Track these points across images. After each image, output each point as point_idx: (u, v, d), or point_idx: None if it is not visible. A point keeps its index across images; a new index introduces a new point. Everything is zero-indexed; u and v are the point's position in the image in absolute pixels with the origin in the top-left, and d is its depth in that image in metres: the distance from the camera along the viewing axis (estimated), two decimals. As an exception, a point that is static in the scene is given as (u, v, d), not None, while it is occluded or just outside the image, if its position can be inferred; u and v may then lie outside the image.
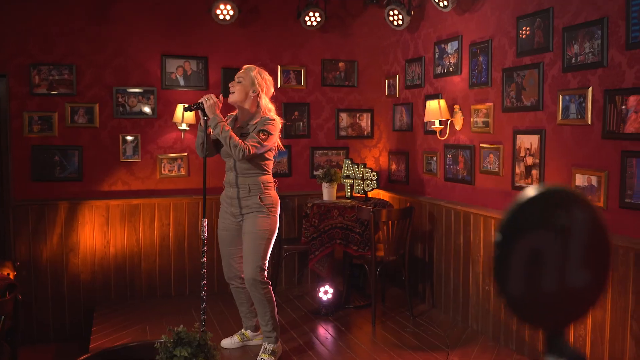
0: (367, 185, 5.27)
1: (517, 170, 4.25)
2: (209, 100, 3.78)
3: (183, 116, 5.24)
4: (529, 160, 4.14)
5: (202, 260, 3.82)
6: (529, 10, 4.11)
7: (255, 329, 4.29)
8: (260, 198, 3.91)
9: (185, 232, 5.54)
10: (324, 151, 5.97)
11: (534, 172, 4.10)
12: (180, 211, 5.51)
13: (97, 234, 5.31)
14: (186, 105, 3.90)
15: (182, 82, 5.52)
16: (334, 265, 5.29)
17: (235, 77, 3.94)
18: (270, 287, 3.97)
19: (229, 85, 3.95)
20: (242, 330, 4.34)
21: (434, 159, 5.23)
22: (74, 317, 5.26)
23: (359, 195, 5.43)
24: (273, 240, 3.99)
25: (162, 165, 5.51)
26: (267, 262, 3.95)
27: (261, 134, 3.81)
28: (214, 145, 4.04)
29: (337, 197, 5.41)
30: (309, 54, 5.87)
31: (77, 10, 5.23)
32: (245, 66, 3.99)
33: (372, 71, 6.10)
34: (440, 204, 5.02)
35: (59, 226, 5.21)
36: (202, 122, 3.84)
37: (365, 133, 6.11)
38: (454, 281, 4.89)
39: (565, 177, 3.84)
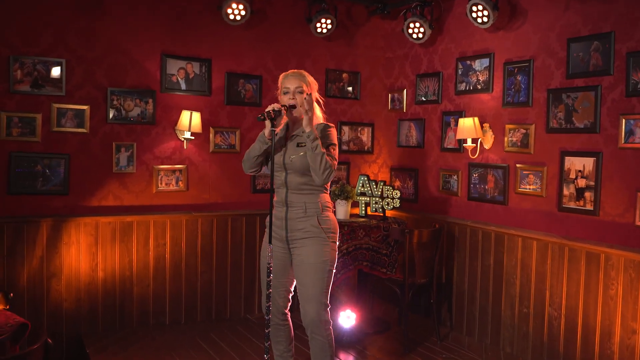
0: (388, 204, 5.02)
1: (566, 192, 4.22)
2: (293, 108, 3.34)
3: (190, 123, 4.70)
4: (582, 182, 4.12)
5: (267, 292, 3.25)
6: (582, 32, 4.11)
7: None
8: (318, 221, 3.36)
9: (182, 253, 4.96)
10: (326, 166, 5.64)
11: (587, 194, 4.08)
12: (178, 229, 4.92)
13: (85, 255, 4.60)
14: (262, 115, 3.25)
15: (183, 86, 4.95)
16: (352, 288, 4.98)
17: (288, 85, 3.39)
18: (331, 326, 3.45)
19: (282, 98, 3.41)
20: None
21: (454, 177, 5.10)
22: (54, 352, 4.50)
23: (375, 213, 5.16)
24: (334, 272, 3.50)
25: (159, 177, 4.90)
26: (328, 298, 3.41)
27: (331, 149, 3.39)
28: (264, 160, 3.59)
29: (350, 215, 5.12)
30: (313, 63, 5.52)
31: (66, -3, 4.54)
32: (292, 71, 3.47)
33: (373, 84, 5.87)
34: (464, 224, 4.89)
35: (39, 247, 4.44)
36: (266, 132, 3.37)
37: (365, 148, 5.86)
38: (480, 303, 4.77)
39: (627, 199, 3.85)
